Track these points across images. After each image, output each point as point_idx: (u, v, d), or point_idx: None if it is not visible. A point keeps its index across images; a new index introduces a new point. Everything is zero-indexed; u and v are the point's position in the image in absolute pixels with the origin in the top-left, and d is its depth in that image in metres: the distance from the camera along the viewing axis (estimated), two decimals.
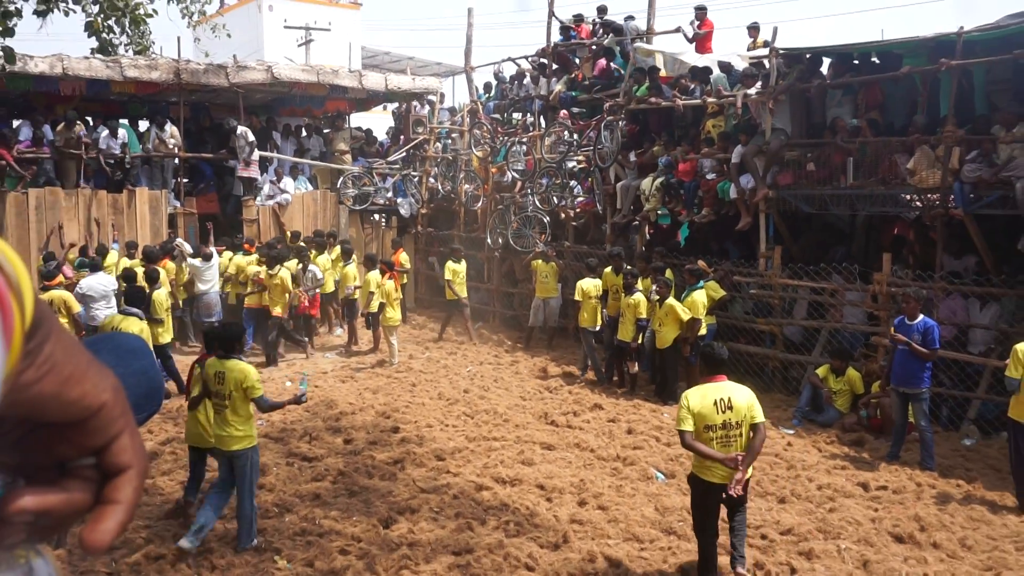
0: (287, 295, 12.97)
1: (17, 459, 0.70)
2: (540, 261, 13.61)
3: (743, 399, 5.45)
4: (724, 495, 5.45)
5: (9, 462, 0.71)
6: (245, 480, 6.09)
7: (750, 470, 5.49)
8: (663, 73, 13.74)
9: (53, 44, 39.86)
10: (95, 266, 12.04)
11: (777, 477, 7.79)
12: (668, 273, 11.55)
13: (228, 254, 14.53)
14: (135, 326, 8.55)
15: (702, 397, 5.45)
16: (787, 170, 11.28)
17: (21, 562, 0.67)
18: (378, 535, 6.29)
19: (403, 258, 15.22)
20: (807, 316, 11.14)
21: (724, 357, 5.66)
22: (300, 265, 13.51)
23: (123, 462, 0.72)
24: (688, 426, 5.40)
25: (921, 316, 8.17)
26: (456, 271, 14.15)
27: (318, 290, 13.62)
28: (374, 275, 13.28)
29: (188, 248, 14.39)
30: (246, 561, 5.94)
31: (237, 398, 6.17)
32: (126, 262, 13.25)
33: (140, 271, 12.08)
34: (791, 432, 9.34)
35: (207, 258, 13.71)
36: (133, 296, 9.35)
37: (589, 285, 11.71)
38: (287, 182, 17.07)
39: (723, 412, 5.38)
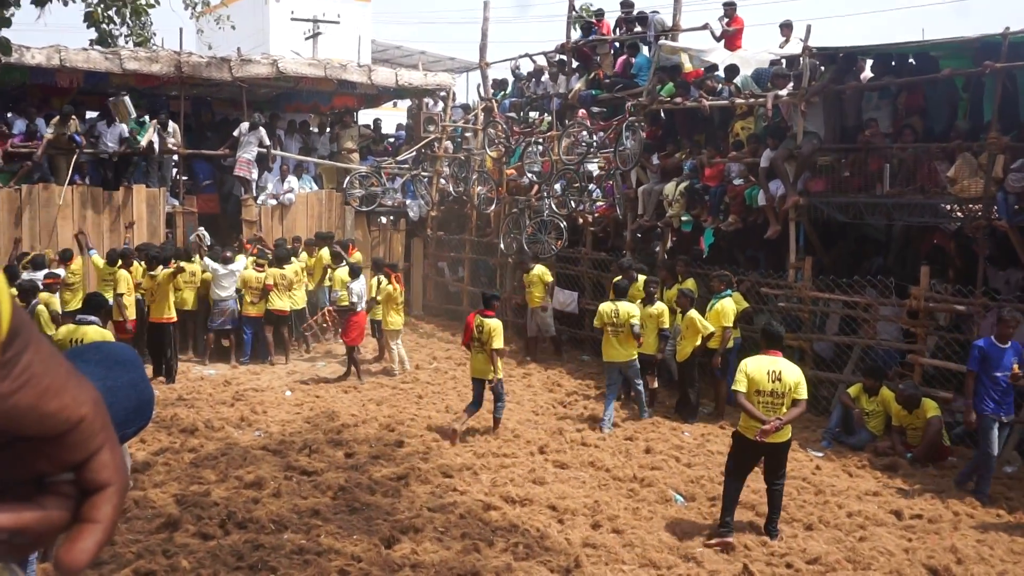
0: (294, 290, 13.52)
1: None
2: (533, 269, 13.66)
3: (792, 376, 6.74)
4: (758, 450, 6.78)
5: None
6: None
7: (787, 429, 6.74)
8: (688, 68, 13.72)
9: (50, 35, 40.33)
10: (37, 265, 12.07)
11: (804, 503, 7.73)
12: (691, 283, 11.52)
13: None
14: (95, 335, 7.70)
15: (758, 365, 6.77)
16: (819, 176, 11.23)
17: None
18: (379, 555, 6.28)
19: (357, 256, 15.15)
20: (839, 331, 11.07)
21: (782, 335, 7.21)
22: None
23: (102, 479, 0.71)
24: (742, 387, 6.71)
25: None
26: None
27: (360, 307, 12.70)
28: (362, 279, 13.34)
29: (208, 239, 14.42)
30: None
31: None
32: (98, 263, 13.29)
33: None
34: (820, 455, 9.28)
35: (227, 262, 13.53)
36: (91, 303, 8.58)
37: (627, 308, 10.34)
38: (292, 180, 17.16)
39: (773, 382, 6.67)
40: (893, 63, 11.49)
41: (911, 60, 11.42)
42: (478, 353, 9.74)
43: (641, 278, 11.42)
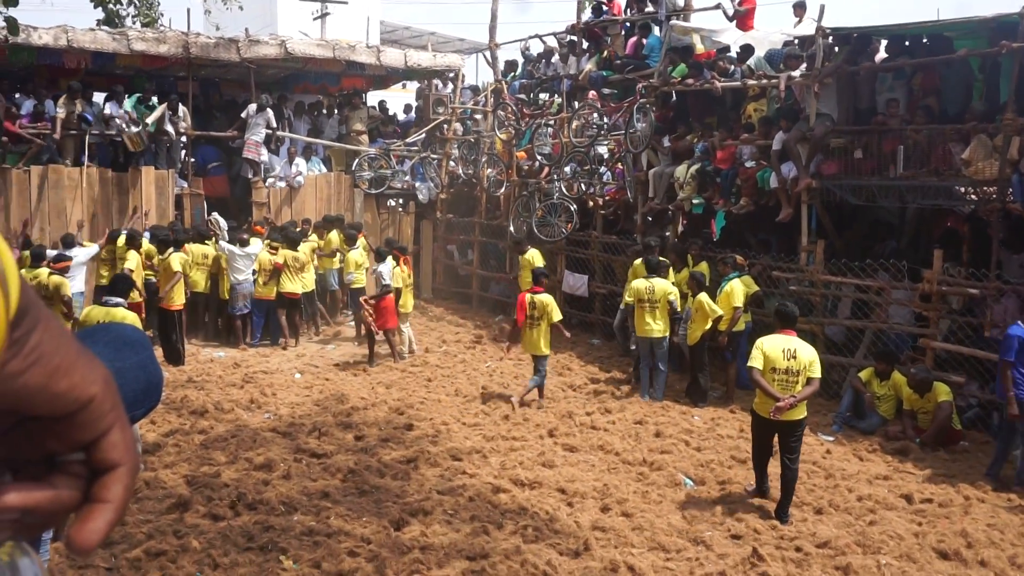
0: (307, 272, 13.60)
1: (3, 453, 0.70)
2: (526, 253, 13.65)
3: (807, 354, 6.96)
4: (772, 427, 7.02)
5: None
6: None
7: (802, 408, 6.94)
8: (700, 49, 13.62)
9: (58, 15, 40.28)
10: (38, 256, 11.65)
11: (814, 487, 7.75)
12: (704, 267, 11.50)
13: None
14: (119, 317, 7.75)
15: (773, 343, 6.99)
16: (832, 159, 11.16)
17: (5, 560, 0.67)
18: (389, 537, 6.32)
19: (362, 242, 15.09)
20: (851, 315, 11.04)
21: (796, 314, 7.42)
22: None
23: (113, 459, 0.72)
24: (758, 364, 6.89)
25: None
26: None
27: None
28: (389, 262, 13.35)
29: (223, 223, 14.36)
30: (250, 560, 6.00)
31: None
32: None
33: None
34: (830, 439, 9.28)
35: (244, 244, 13.44)
36: (117, 285, 8.56)
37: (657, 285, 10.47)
38: (300, 163, 17.15)
39: (788, 360, 6.87)
40: (907, 43, 11.38)
41: (925, 40, 11.31)
42: (532, 330, 10.33)
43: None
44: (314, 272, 14.35)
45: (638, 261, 11.81)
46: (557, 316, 10.34)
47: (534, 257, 13.59)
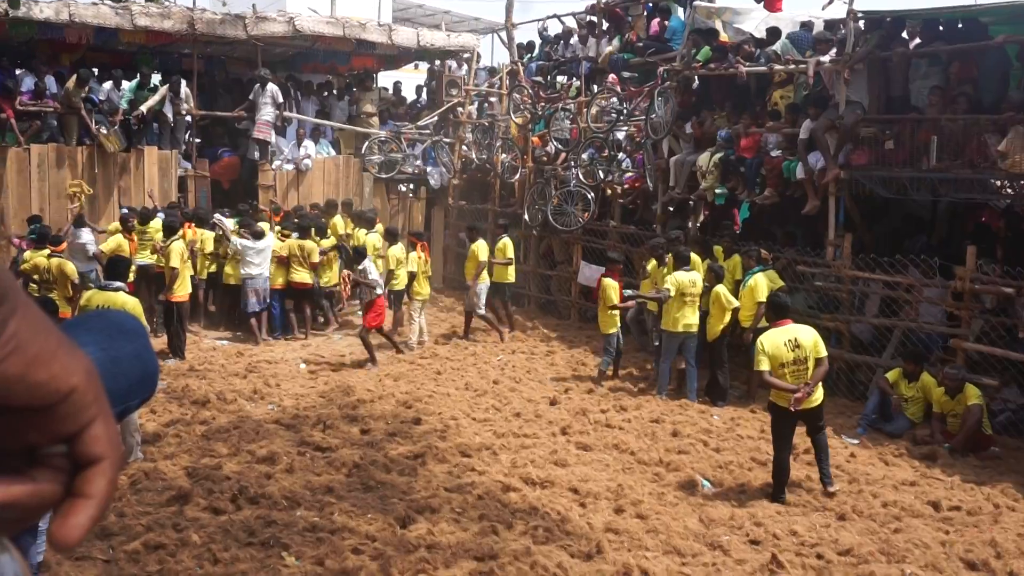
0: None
1: None
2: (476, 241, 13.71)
3: (808, 338, 7.25)
4: (795, 416, 7.24)
5: None
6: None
7: (819, 391, 7.32)
8: (724, 38, 13.56)
9: None
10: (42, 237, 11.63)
11: (837, 491, 7.71)
12: (736, 260, 11.46)
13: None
14: (120, 302, 7.89)
15: (773, 340, 7.23)
16: (862, 149, 11.07)
17: None
18: (394, 535, 6.34)
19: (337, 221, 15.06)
20: (879, 313, 10.97)
21: (788, 304, 7.74)
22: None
23: (96, 452, 0.71)
24: (765, 366, 7.16)
25: None
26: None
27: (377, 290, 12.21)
28: (396, 250, 13.35)
29: (228, 224, 13.90)
30: (251, 556, 6.03)
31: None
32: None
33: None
34: (855, 442, 9.24)
35: (258, 236, 12.96)
36: (114, 268, 8.66)
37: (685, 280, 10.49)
38: (308, 145, 17.17)
39: (792, 350, 7.14)
40: (941, 28, 11.26)
41: (960, 25, 11.19)
42: (600, 311, 11.34)
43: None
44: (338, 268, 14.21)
45: (652, 263, 11.70)
46: (611, 300, 11.04)
47: (479, 249, 13.53)
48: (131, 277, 11.51)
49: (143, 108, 15.34)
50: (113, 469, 0.73)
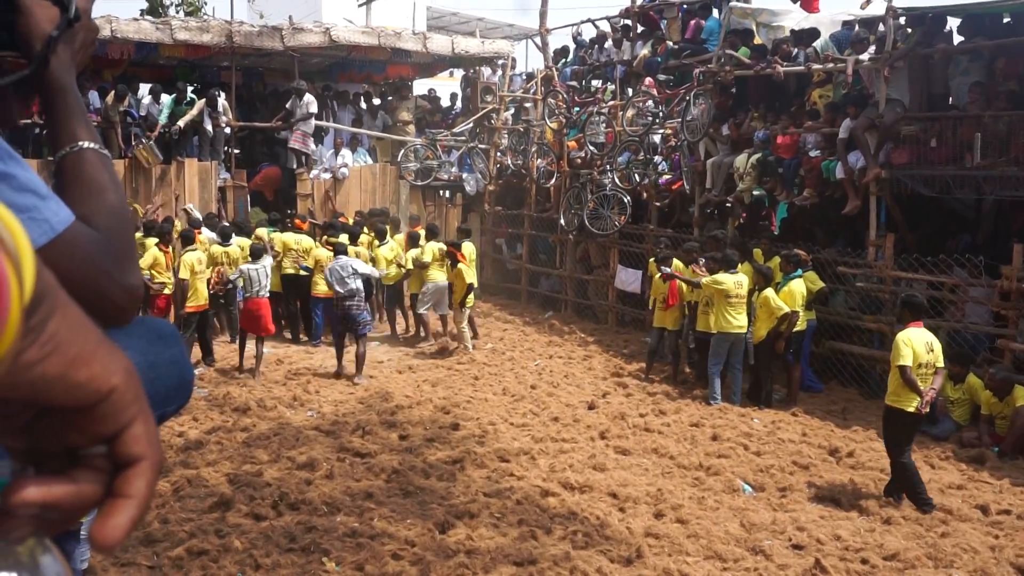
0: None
1: (25, 445, 0.70)
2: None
3: (938, 345, 7.25)
4: (917, 421, 7.24)
5: (18, 447, 0.71)
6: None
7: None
8: (758, 41, 13.47)
9: (100, 4, 41.33)
10: None
11: (882, 495, 7.59)
12: (776, 263, 11.33)
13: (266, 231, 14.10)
14: None
15: (916, 338, 7.12)
16: (903, 147, 10.91)
17: (25, 559, 0.67)
18: (433, 540, 6.35)
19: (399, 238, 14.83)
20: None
21: (925, 304, 7.76)
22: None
23: (135, 453, 0.72)
24: (909, 361, 7.01)
25: None
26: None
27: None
28: (434, 245, 13.37)
29: (197, 213, 14.14)
30: (292, 561, 6.07)
31: None
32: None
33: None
34: None
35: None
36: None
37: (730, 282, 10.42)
38: (345, 154, 17.32)
39: (928, 353, 7.11)
40: (987, 23, 11.06)
41: (1007, 19, 10.98)
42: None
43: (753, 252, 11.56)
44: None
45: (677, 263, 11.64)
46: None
47: (430, 250, 13.37)
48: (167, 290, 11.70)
49: (180, 123, 15.59)
50: (153, 470, 0.73)
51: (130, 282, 1.15)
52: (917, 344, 7.08)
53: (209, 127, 16.12)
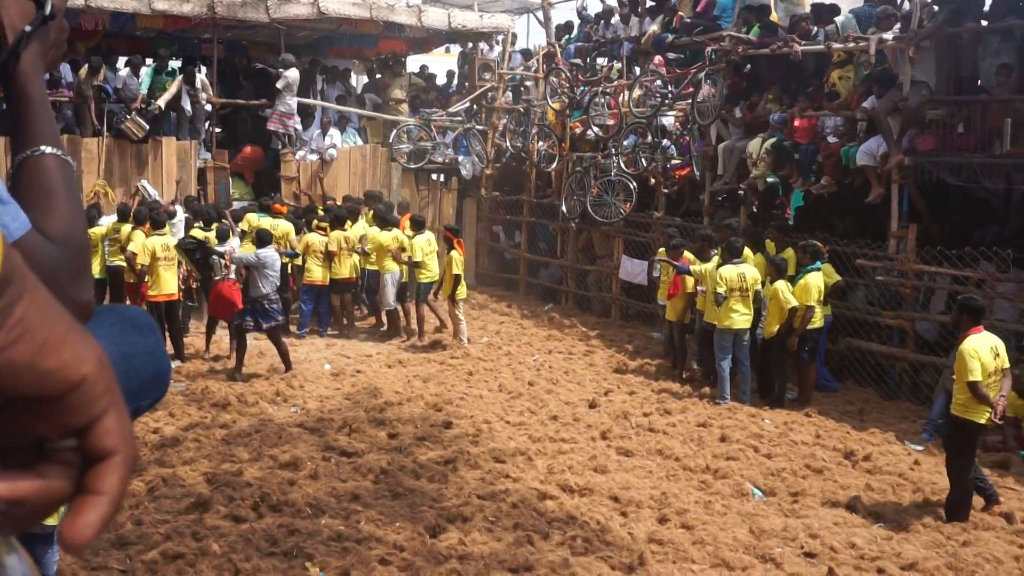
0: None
1: None
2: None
3: (1002, 345, 7.15)
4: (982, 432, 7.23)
5: None
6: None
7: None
8: (774, 18, 13.44)
9: None
10: None
11: (901, 501, 7.61)
12: (789, 254, 11.34)
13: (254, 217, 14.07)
14: None
15: (982, 348, 6.97)
16: (928, 133, 10.90)
17: None
18: (424, 545, 6.37)
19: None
20: (946, 310, 10.79)
21: (984, 308, 7.59)
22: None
23: (107, 446, 0.71)
24: (979, 376, 6.86)
25: None
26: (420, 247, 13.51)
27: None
28: (421, 240, 13.37)
29: (152, 191, 14.08)
30: (274, 566, 6.09)
31: None
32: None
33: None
34: (920, 448, 9.11)
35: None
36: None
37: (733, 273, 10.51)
38: (333, 134, 17.28)
39: (995, 359, 6.99)
40: (1021, 2, 11.04)
41: None
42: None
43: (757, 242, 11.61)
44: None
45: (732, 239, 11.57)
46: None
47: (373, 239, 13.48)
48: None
49: (160, 102, 15.53)
50: (126, 465, 0.73)
51: (84, 298, 1.15)
52: (984, 353, 6.93)
53: (187, 105, 16.06)
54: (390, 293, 13.61)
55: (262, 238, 11.55)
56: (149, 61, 16.98)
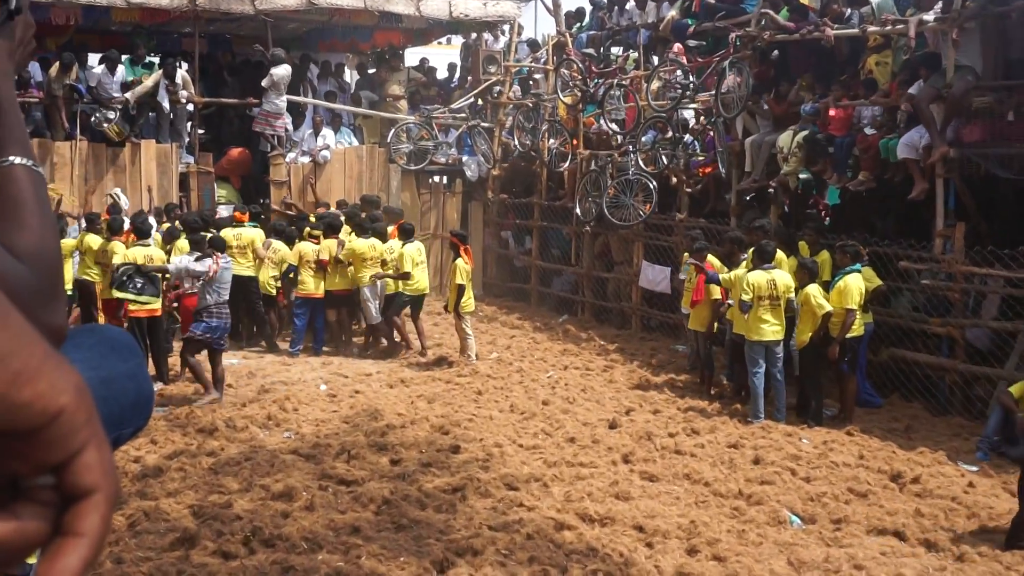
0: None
1: None
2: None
3: None
4: None
5: None
6: None
7: None
8: (804, 0, 13.45)
9: None
10: None
11: (954, 527, 7.56)
12: (825, 256, 11.34)
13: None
14: None
15: None
16: (975, 122, 10.88)
17: None
18: None
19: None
20: (999, 315, 10.76)
21: None
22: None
23: (87, 484, 0.71)
24: None
25: None
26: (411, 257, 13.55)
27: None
28: (411, 249, 13.40)
29: (124, 201, 14.23)
30: None
31: None
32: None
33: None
34: (974, 469, 9.06)
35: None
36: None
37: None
38: (327, 135, 17.35)
39: None
40: None
41: None
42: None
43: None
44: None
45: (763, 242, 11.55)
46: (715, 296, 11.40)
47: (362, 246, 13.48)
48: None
49: (130, 95, 15.57)
50: (108, 503, 0.72)
51: (56, 322, 1.14)
52: None
53: (166, 104, 16.10)
54: (371, 307, 13.60)
55: (216, 245, 11.64)
56: (124, 57, 17.06)
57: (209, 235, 11.89)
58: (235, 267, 13.24)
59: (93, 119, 15.41)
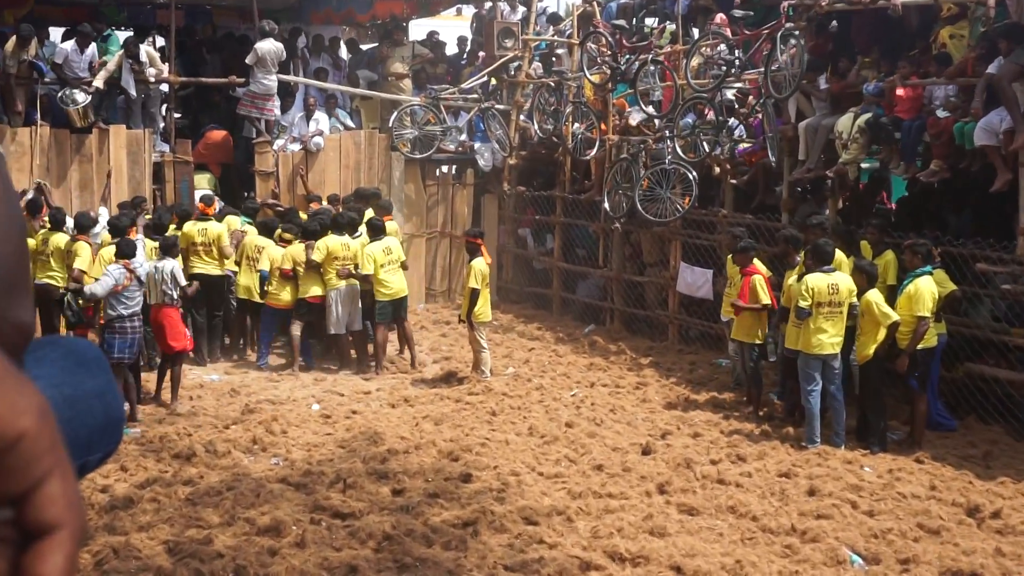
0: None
1: None
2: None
3: None
4: None
5: None
6: None
7: None
8: None
9: None
10: None
11: None
12: (890, 256, 11.30)
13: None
14: None
15: None
16: None
17: None
18: None
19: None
20: None
21: None
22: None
23: (50, 518, 0.71)
24: None
25: None
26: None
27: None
28: (375, 248, 13.51)
29: (48, 192, 14.53)
30: None
31: None
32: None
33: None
34: None
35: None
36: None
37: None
38: (320, 119, 17.37)
39: None
40: None
41: None
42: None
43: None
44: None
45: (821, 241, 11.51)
46: (764, 299, 11.46)
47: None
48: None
49: (98, 81, 15.64)
50: (73, 540, 0.73)
51: (21, 318, 1.14)
52: None
53: (132, 88, 16.03)
54: (333, 313, 13.64)
55: (166, 246, 11.81)
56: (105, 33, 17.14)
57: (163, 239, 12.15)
58: (201, 266, 13.42)
59: (60, 96, 15.47)
